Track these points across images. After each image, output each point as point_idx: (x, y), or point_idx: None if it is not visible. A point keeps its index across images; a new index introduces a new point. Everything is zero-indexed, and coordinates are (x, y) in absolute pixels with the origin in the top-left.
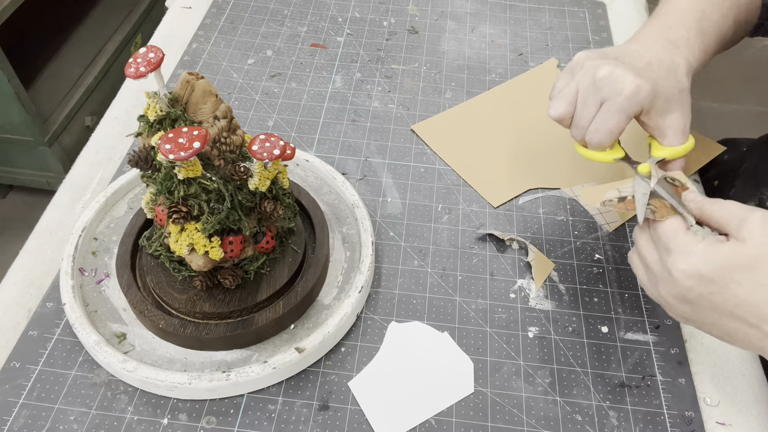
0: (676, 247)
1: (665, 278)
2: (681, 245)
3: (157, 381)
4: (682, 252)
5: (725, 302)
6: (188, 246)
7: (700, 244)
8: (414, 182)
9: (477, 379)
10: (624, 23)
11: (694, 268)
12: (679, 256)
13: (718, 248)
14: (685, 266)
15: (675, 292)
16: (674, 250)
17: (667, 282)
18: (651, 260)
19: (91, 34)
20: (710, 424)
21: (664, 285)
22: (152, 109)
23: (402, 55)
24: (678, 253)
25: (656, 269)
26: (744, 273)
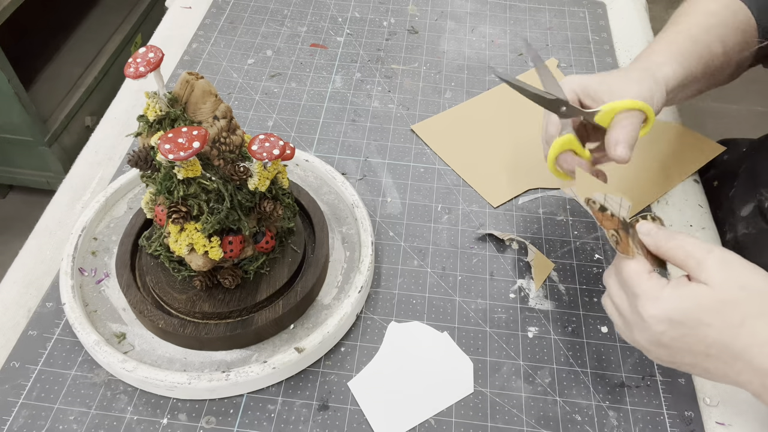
0: (643, 292)
1: (638, 324)
2: (647, 290)
3: (156, 381)
4: (650, 297)
5: (698, 343)
6: (188, 246)
7: (666, 289)
8: (414, 182)
9: (477, 379)
10: (624, 23)
11: (662, 312)
12: (648, 301)
13: (683, 291)
14: (654, 311)
15: (649, 337)
16: (641, 296)
17: (641, 327)
18: (622, 306)
19: (91, 34)
20: (710, 424)
21: (638, 331)
22: (152, 109)
23: (402, 55)
24: (646, 298)
25: (628, 315)
26: (712, 315)
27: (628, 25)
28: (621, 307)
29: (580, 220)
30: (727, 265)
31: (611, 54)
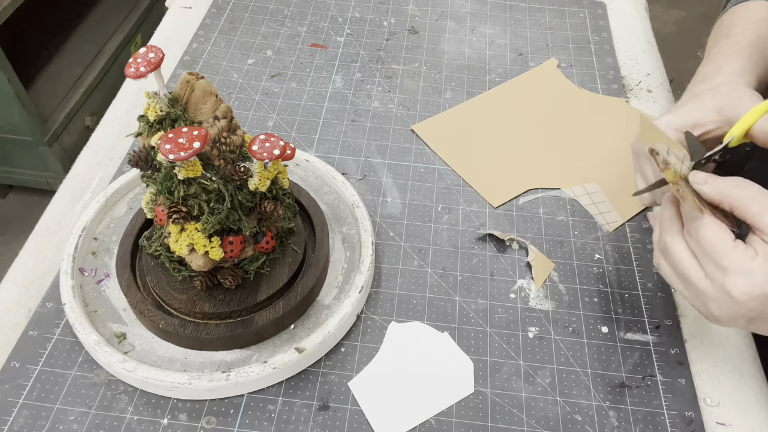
0: (732, 265)
1: (720, 299)
2: (737, 263)
3: (157, 381)
4: (742, 272)
5: None
6: (188, 246)
7: (757, 260)
8: (414, 182)
9: (477, 379)
10: (624, 23)
11: (759, 289)
12: (740, 276)
13: None
14: (749, 288)
15: (733, 313)
16: (731, 269)
17: (724, 303)
18: (695, 277)
19: (91, 34)
20: (710, 424)
21: (718, 305)
22: (152, 109)
23: (402, 55)
24: (737, 273)
25: (704, 287)
26: None
27: (628, 25)
28: (692, 276)
29: (580, 220)
30: None
31: (611, 54)
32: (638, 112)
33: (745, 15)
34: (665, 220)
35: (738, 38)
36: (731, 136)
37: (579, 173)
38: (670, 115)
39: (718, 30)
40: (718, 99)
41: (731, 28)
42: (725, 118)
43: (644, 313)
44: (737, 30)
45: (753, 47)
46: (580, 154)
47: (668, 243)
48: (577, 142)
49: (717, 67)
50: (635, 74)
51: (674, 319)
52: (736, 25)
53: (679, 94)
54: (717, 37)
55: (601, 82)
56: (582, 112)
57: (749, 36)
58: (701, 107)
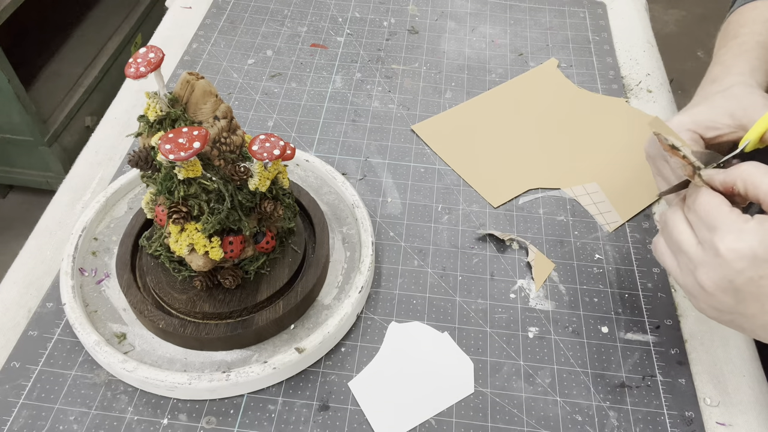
0: (723, 224)
1: (708, 261)
2: (729, 222)
3: (157, 381)
4: (732, 229)
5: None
6: (188, 246)
7: (751, 222)
8: (414, 182)
9: (477, 380)
10: (624, 23)
11: (747, 246)
12: (729, 233)
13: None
14: (738, 244)
15: (720, 277)
16: (721, 228)
17: (711, 265)
18: (687, 243)
19: (91, 34)
20: (710, 424)
21: (706, 269)
22: (152, 109)
23: (402, 55)
24: (727, 230)
25: (694, 253)
26: None
27: (628, 25)
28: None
29: (580, 220)
30: None
31: (611, 54)
32: (638, 112)
33: (753, 15)
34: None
35: (746, 39)
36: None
37: (579, 173)
38: (681, 116)
39: (726, 31)
40: (730, 103)
41: (739, 29)
42: (738, 122)
43: (644, 313)
44: (745, 30)
45: (762, 47)
46: (580, 154)
47: (668, 216)
48: (577, 142)
49: (726, 69)
50: (635, 74)
51: (674, 319)
52: (744, 26)
53: (680, 94)
54: (725, 39)
55: (601, 82)
56: (582, 113)
57: (757, 36)
58: (713, 110)
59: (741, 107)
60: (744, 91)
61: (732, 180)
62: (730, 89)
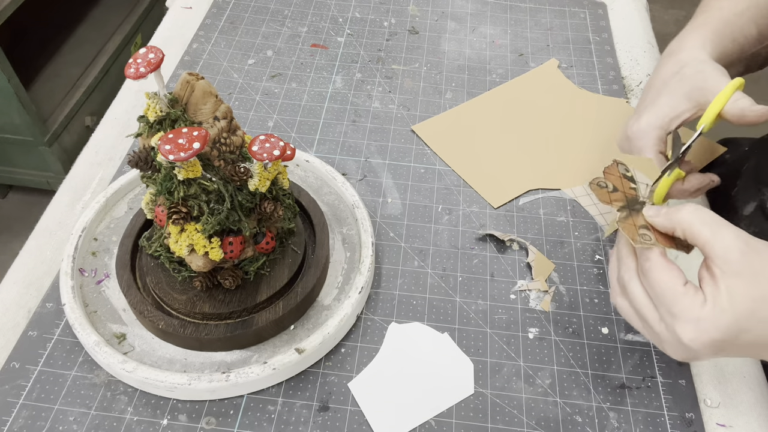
0: (681, 313)
1: (674, 344)
2: (686, 310)
3: (156, 382)
4: (691, 319)
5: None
6: (188, 246)
7: (706, 307)
8: (414, 183)
9: (477, 380)
10: (624, 24)
11: (707, 337)
12: (688, 324)
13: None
14: (698, 335)
15: (685, 357)
16: (679, 317)
17: (676, 347)
18: (651, 318)
19: (91, 34)
20: (711, 425)
21: (672, 348)
22: (152, 109)
23: (402, 55)
24: (686, 321)
25: (659, 330)
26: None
27: (629, 26)
28: (648, 317)
29: (580, 221)
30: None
31: (612, 54)
32: None
33: None
34: (623, 257)
35: (712, 13)
36: (703, 124)
37: (579, 174)
38: (648, 116)
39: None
40: (685, 85)
41: (712, 2)
42: (696, 103)
43: None
44: (715, 5)
45: (722, 22)
46: (581, 154)
47: (626, 282)
48: (578, 142)
49: (680, 42)
50: (636, 75)
51: None
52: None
53: None
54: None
55: (601, 82)
56: (582, 113)
57: (723, 12)
58: (673, 99)
59: (695, 88)
60: (695, 69)
61: (672, 226)
62: (681, 71)
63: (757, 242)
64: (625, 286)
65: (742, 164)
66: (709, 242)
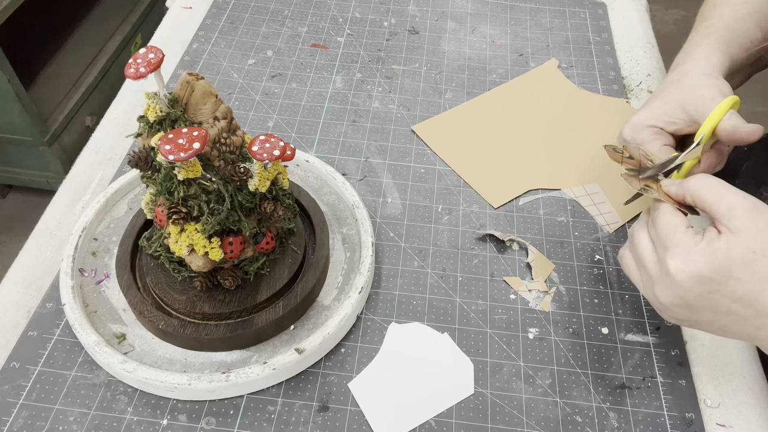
0: (675, 246)
1: (662, 279)
2: (680, 244)
3: (156, 382)
4: (682, 251)
5: (724, 299)
6: (188, 247)
7: (701, 243)
8: (414, 183)
9: (477, 380)
10: (624, 24)
11: (694, 268)
12: (679, 255)
13: (716, 245)
14: (685, 266)
15: (672, 295)
16: (672, 249)
17: (665, 283)
18: (648, 260)
19: (91, 34)
20: (711, 425)
21: (662, 287)
22: (152, 109)
23: (402, 55)
24: (677, 252)
25: (653, 270)
26: (741, 268)
27: (629, 26)
28: (646, 260)
29: (580, 221)
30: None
31: (612, 54)
32: None
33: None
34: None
35: (714, 21)
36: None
37: (579, 174)
38: (639, 115)
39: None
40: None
41: (711, 11)
42: (690, 117)
43: (644, 315)
44: (716, 13)
45: (725, 29)
46: (581, 154)
47: (634, 231)
48: (578, 142)
49: (686, 54)
50: (636, 75)
51: None
52: (717, 7)
53: None
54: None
55: (601, 82)
56: (582, 113)
57: (725, 19)
58: (667, 105)
59: (691, 101)
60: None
61: (683, 193)
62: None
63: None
64: (632, 236)
65: (741, 164)
66: (715, 204)
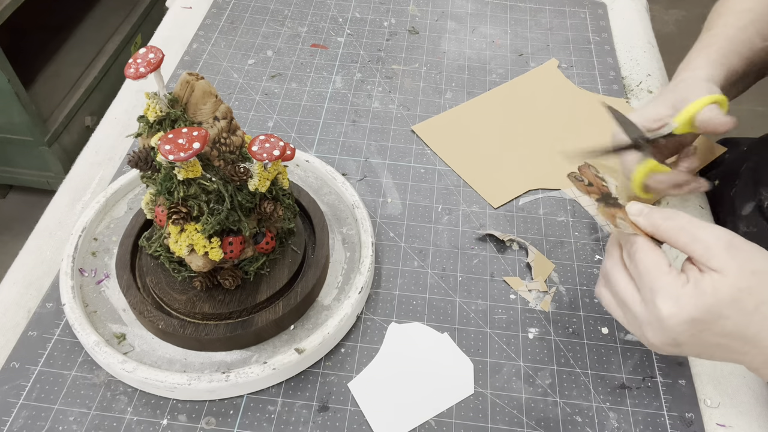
0: (662, 288)
1: (653, 323)
2: (667, 287)
3: (156, 382)
4: (672, 295)
5: (713, 336)
6: (188, 247)
7: (687, 286)
8: (414, 183)
9: (477, 380)
10: (624, 24)
11: (686, 314)
12: (668, 299)
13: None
14: (678, 310)
15: (664, 338)
16: (660, 292)
17: (656, 327)
18: (632, 301)
19: (91, 34)
20: (710, 425)
21: (653, 330)
22: (152, 109)
23: (402, 55)
24: (667, 296)
25: (639, 312)
26: (729, 307)
27: (629, 26)
28: (628, 300)
29: (580, 220)
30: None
31: (612, 54)
32: None
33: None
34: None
35: (718, 31)
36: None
37: None
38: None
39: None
40: (674, 95)
41: (717, 19)
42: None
43: None
44: (720, 22)
45: (726, 39)
46: None
47: (608, 269)
48: (578, 142)
49: (687, 63)
50: (636, 75)
51: None
52: (722, 16)
53: None
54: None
55: (601, 82)
56: (582, 113)
57: (729, 29)
58: (659, 105)
59: (681, 98)
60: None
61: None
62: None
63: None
64: (608, 275)
65: (740, 164)
66: (689, 245)
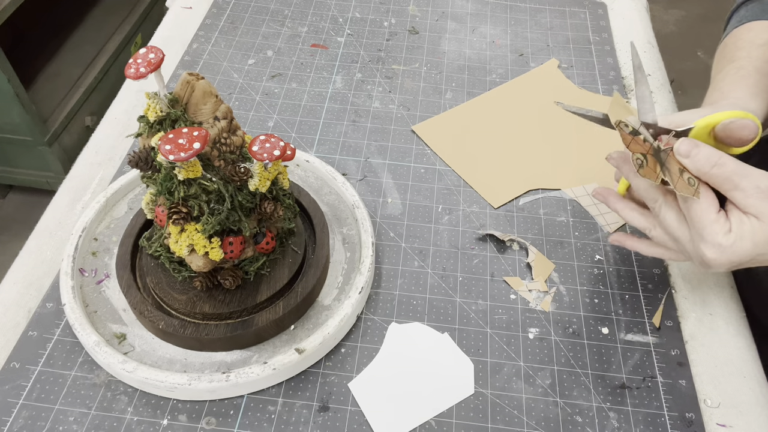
0: (708, 236)
1: (699, 259)
2: (712, 235)
3: (156, 382)
4: (715, 244)
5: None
6: (188, 247)
7: (729, 236)
8: (414, 183)
9: (477, 380)
10: (624, 24)
11: (726, 259)
12: (712, 247)
13: (743, 232)
14: (717, 257)
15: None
16: (707, 240)
17: (701, 262)
18: (683, 239)
19: (91, 34)
20: (711, 425)
21: (699, 262)
22: (152, 109)
23: (402, 55)
24: (711, 244)
25: (690, 248)
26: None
27: (629, 26)
28: (682, 239)
29: (580, 220)
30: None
31: (612, 54)
32: None
33: (749, 38)
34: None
35: (743, 63)
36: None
37: (579, 174)
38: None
39: (723, 54)
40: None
41: (736, 52)
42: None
43: (645, 314)
44: (742, 54)
45: (759, 73)
46: (581, 154)
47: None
48: (578, 142)
49: (723, 95)
50: None
51: (675, 321)
52: (741, 49)
53: (680, 94)
54: (722, 62)
55: (601, 82)
56: None
57: (755, 62)
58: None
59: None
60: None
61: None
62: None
63: None
64: (659, 214)
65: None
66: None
